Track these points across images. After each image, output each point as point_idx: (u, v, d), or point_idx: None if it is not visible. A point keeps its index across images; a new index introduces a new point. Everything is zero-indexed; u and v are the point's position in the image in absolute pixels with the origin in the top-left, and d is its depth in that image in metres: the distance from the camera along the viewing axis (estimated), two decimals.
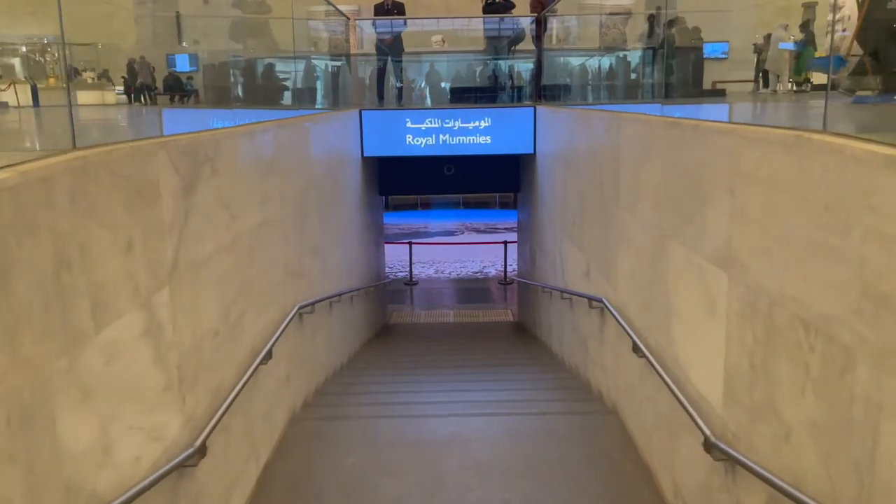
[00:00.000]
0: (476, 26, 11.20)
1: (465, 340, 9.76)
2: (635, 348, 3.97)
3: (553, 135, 7.57)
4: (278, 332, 4.22)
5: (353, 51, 11.28)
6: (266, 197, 4.18)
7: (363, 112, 8.83)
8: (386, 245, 13.44)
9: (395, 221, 23.45)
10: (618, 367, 4.62)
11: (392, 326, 11.70)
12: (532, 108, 8.86)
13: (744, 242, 2.56)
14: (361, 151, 8.90)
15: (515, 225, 23.35)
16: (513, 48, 10.43)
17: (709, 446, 2.76)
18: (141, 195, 2.50)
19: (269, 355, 3.96)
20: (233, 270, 3.54)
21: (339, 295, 6.53)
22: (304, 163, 5.41)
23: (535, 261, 9.13)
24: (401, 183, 11.32)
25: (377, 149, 8.99)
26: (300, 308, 4.79)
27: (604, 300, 4.69)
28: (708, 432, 2.80)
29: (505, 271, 14.65)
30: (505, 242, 14.64)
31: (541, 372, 6.53)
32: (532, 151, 8.93)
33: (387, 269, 13.77)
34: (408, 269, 14.95)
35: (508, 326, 11.48)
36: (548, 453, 4.08)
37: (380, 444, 4.25)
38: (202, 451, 2.85)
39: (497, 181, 11.29)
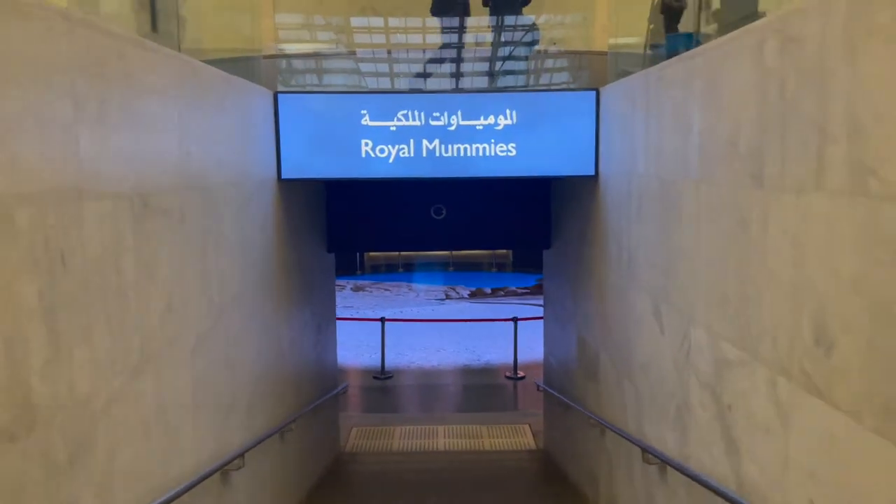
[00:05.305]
0: None
1: None
2: None
3: (678, 127, 3.53)
4: None
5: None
6: None
7: (280, 96, 4.75)
8: (347, 322, 9.26)
9: (366, 283, 19.34)
10: None
11: (346, 464, 7.31)
12: (593, 93, 4.84)
13: None
14: (278, 170, 4.80)
15: (514, 292, 19.29)
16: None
17: None
18: None
19: None
20: None
21: None
22: None
23: (598, 371, 4.95)
24: (360, 232, 7.20)
25: (306, 165, 4.85)
26: None
27: None
28: None
29: (515, 361, 10.40)
30: (515, 319, 10.46)
31: None
32: (593, 173, 4.88)
33: (347, 356, 9.50)
34: (379, 354, 10.66)
35: (534, 468, 7.17)
36: None
37: None
38: None
39: (515, 231, 7.19)
